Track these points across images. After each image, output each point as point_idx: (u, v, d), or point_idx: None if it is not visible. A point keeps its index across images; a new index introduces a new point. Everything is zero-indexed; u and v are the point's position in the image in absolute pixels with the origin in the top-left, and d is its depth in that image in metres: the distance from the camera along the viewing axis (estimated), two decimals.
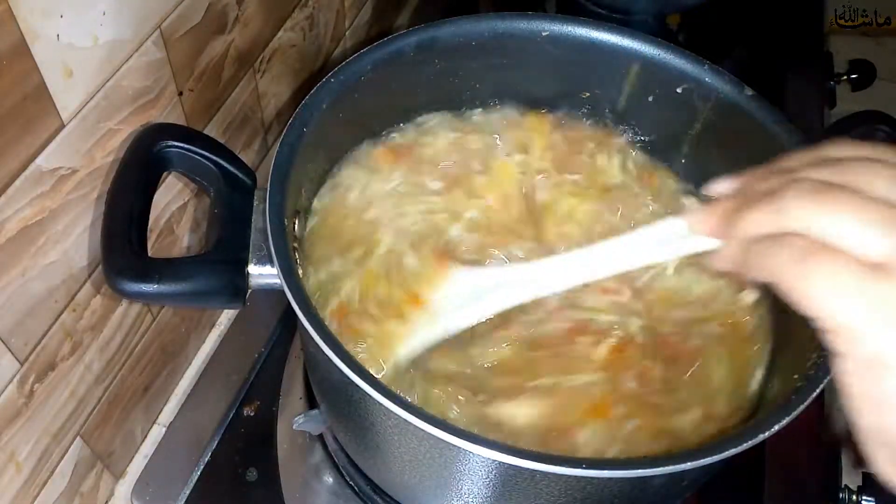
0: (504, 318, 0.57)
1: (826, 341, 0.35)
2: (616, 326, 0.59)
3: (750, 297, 0.60)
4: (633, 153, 0.70)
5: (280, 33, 0.76)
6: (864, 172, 0.37)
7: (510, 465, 0.43)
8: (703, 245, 0.46)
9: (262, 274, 0.54)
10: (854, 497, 0.70)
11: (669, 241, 0.48)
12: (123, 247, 0.52)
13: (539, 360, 0.57)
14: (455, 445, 0.44)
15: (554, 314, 0.59)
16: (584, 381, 0.56)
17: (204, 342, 0.81)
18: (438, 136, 0.69)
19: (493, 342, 0.58)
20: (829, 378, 0.48)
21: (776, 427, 0.46)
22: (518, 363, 0.57)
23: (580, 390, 0.56)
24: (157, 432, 0.76)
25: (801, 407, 0.47)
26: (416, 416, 0.44)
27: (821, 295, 0.34)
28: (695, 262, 0.59)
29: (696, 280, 0.61)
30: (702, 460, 0.44)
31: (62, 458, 0.63)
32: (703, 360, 0.58)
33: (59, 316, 0.57)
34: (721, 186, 0.45)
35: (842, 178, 0.37)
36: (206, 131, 0.68)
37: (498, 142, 0.69)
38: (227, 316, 0.83)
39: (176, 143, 0.56)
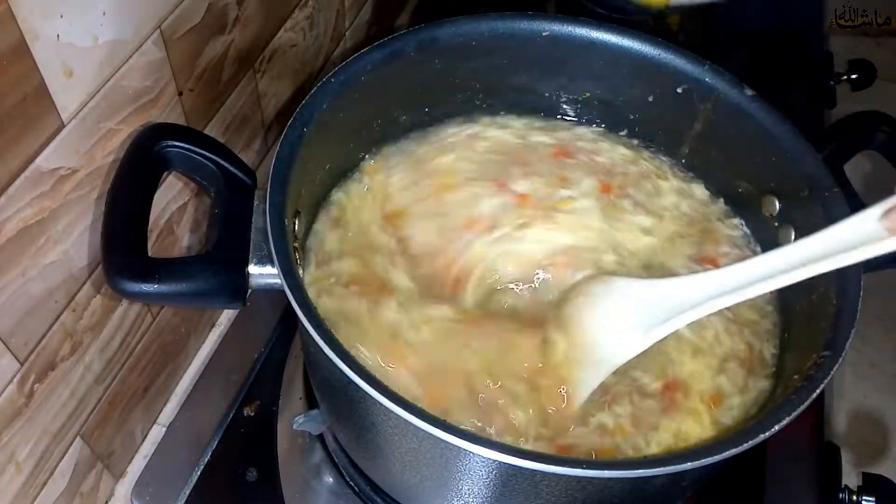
0: None
1: None
2: None
3: None
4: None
5: (280, 33, 0.76)
6: None
7: (510, 465, 0.44)
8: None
9: (263, 274, 0.54)
10: (854, 497, 0.70)
11: (861, 241, 0.47)
12: (123, 247, 0.52)
13: None
14: (455, 445, 0.44)
15: None
16: None
17: (204, 342, 0.81)
18: None
19: None
20: (829, 378, 0.48)
21: (776, 427, 0.46)
22: None
23: None
24: (157, 432, 0.76)
25: (802, 407, 0.47)
26: (417, 416, 0.44)
27: None
28: None
29: None
30: (702, 460, 0.44)
31: (62, 458, 0.62)
32: None
33: (59, 316, 0.57)
34: None
35: None
36: (206, 131, 0.68)
37: None
38: (227, 316, 0.83)
39: (176, 143, 0.56)
